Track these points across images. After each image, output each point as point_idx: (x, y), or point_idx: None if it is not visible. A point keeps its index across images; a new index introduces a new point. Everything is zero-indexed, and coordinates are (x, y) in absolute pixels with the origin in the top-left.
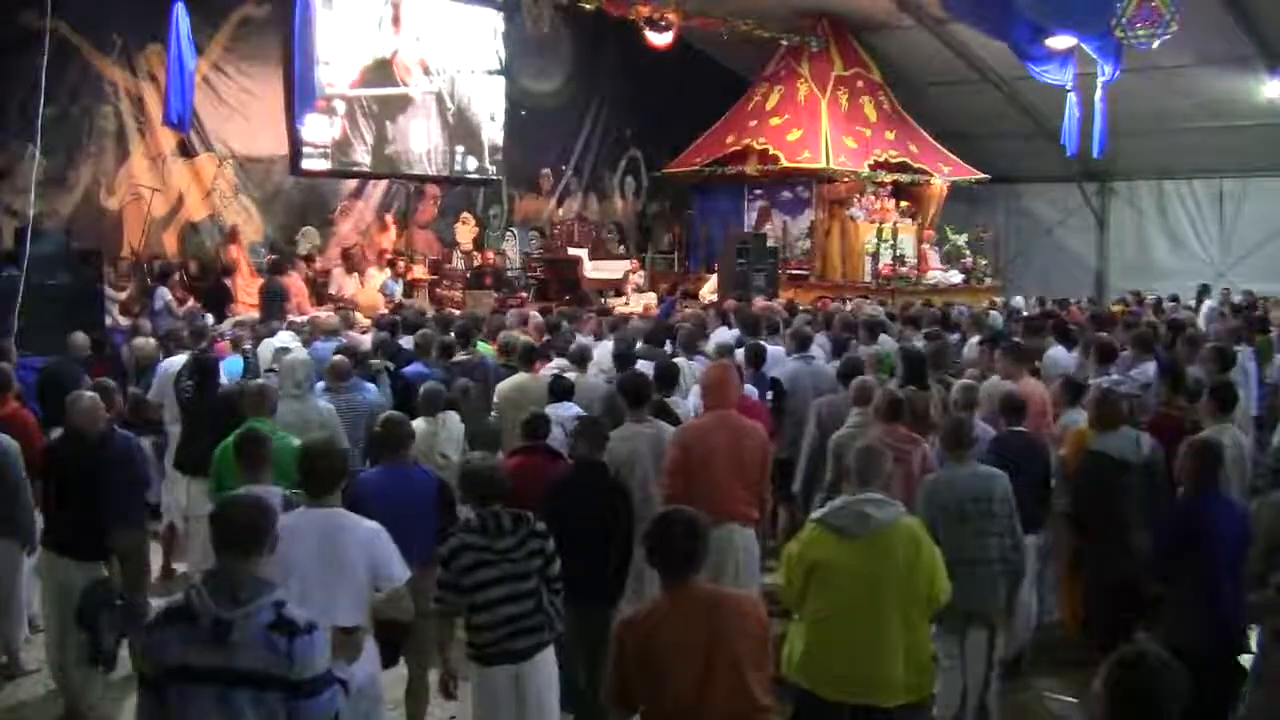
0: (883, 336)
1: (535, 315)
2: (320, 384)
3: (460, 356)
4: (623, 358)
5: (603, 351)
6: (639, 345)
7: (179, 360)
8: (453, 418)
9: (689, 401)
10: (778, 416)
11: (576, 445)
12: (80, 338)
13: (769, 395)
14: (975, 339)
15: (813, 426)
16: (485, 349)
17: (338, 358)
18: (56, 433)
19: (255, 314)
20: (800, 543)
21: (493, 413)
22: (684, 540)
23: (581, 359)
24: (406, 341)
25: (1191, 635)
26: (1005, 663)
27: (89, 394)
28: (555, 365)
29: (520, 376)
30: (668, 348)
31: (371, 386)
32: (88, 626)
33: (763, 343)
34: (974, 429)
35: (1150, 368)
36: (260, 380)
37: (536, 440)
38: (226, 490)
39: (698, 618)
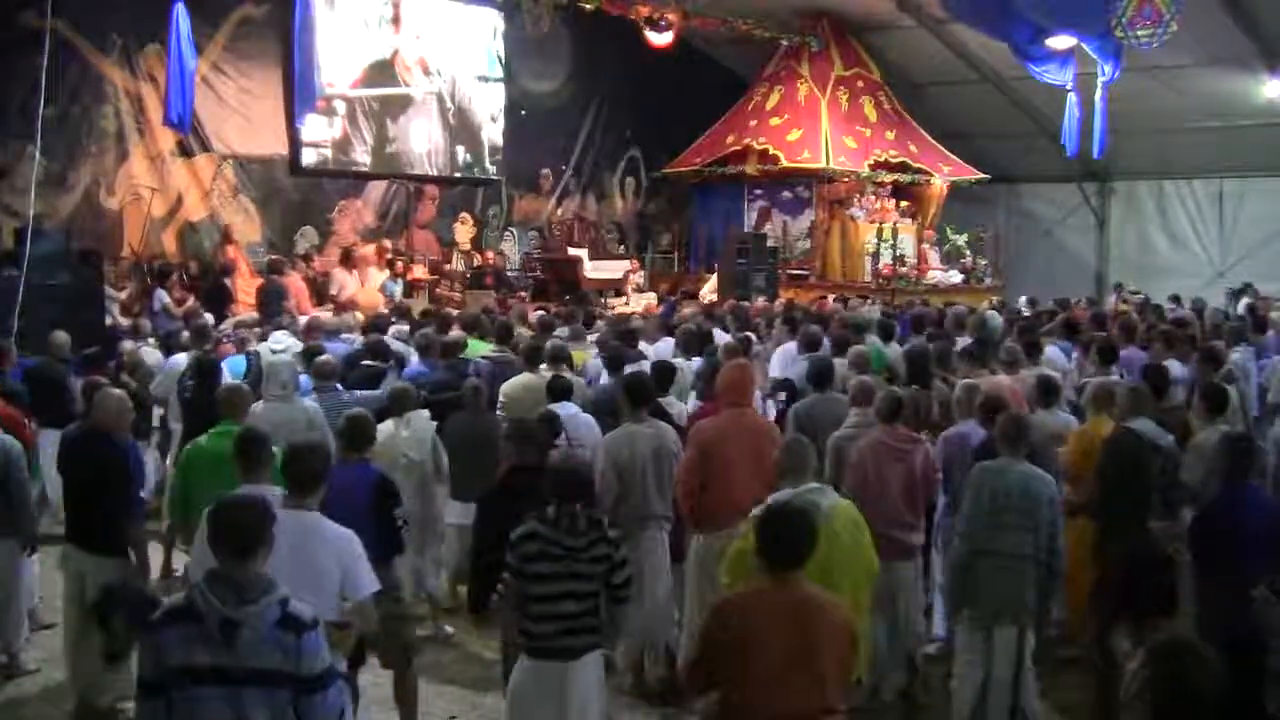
0: (869, 336)
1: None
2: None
3: (497, 354)
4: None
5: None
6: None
7: (183, 359)
8: (418, 417)
9: (686, 403)
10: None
11: (514, 449)
12: (61, 336)
13: (781, 396)
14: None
15: (791, 429)
16: (480, 348)
17: (323, 358)
18: (46, 434)
19: (254, 314)
20: (746, 540)
21: (500, 413)
22: (800, 536)
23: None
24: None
25: (1221, 628)
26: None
27: (116, 393)
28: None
29: (525, 376)
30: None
31: (339, 387)
32: (103, 623)
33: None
34: (1030, 427)
35: (1174, 367)
36: (235, 382)
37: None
38: (193, 501)
39: (792, 612)
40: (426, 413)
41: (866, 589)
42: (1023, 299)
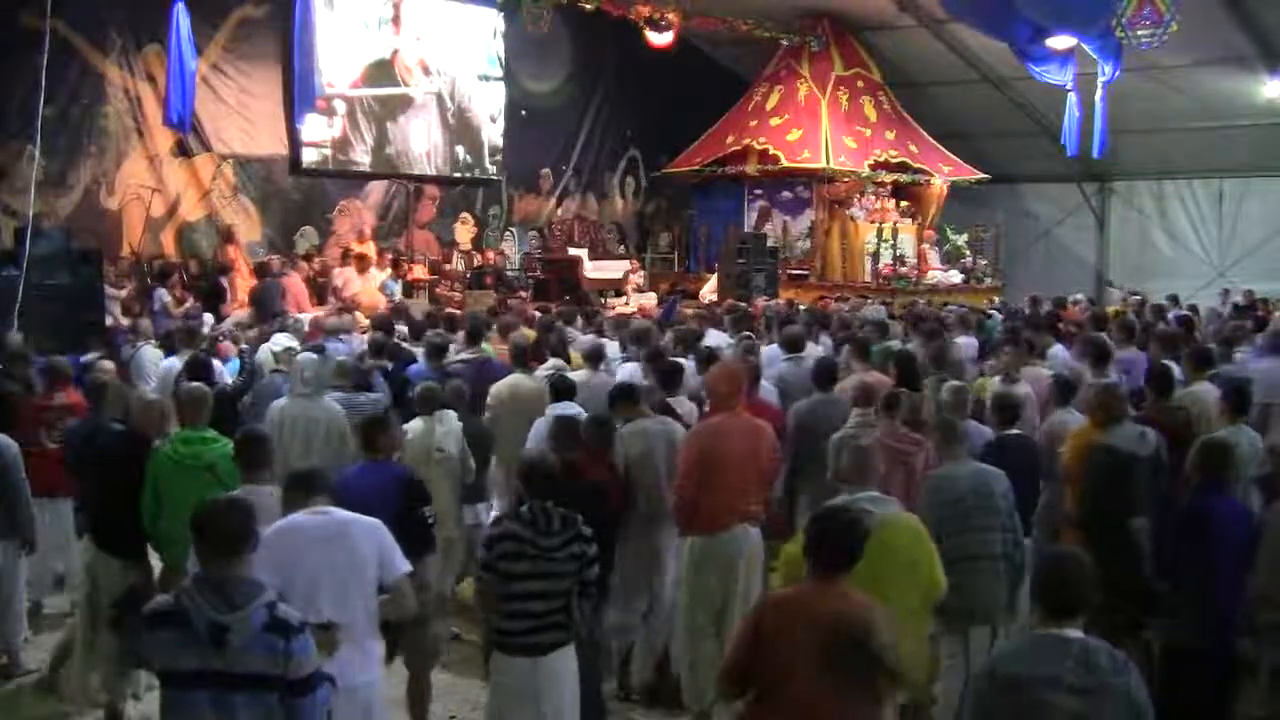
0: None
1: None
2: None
3: (471, 355)
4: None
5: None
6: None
7: (179, 362)
8: (450, 415)
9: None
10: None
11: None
12: (14, 338)
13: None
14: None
15: (792, 428)
16: (486, 348)
17: (342, 358)
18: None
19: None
20: (800, 544)
21: (487, 414)
22: (847, 542)
23: (596, 356)
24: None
25: (1191, 633)
26: None
27: (150, 396)
28: (551, 364)
29: (514, 377)
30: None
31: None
32: (117, 627)
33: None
34: (964, 428)
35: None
36: (193, 384)
37: (570, 447)
38: (163, 508)
39: (832, 615)
40: (454, 412)
41: (924, 607)
42: (1079, 297)
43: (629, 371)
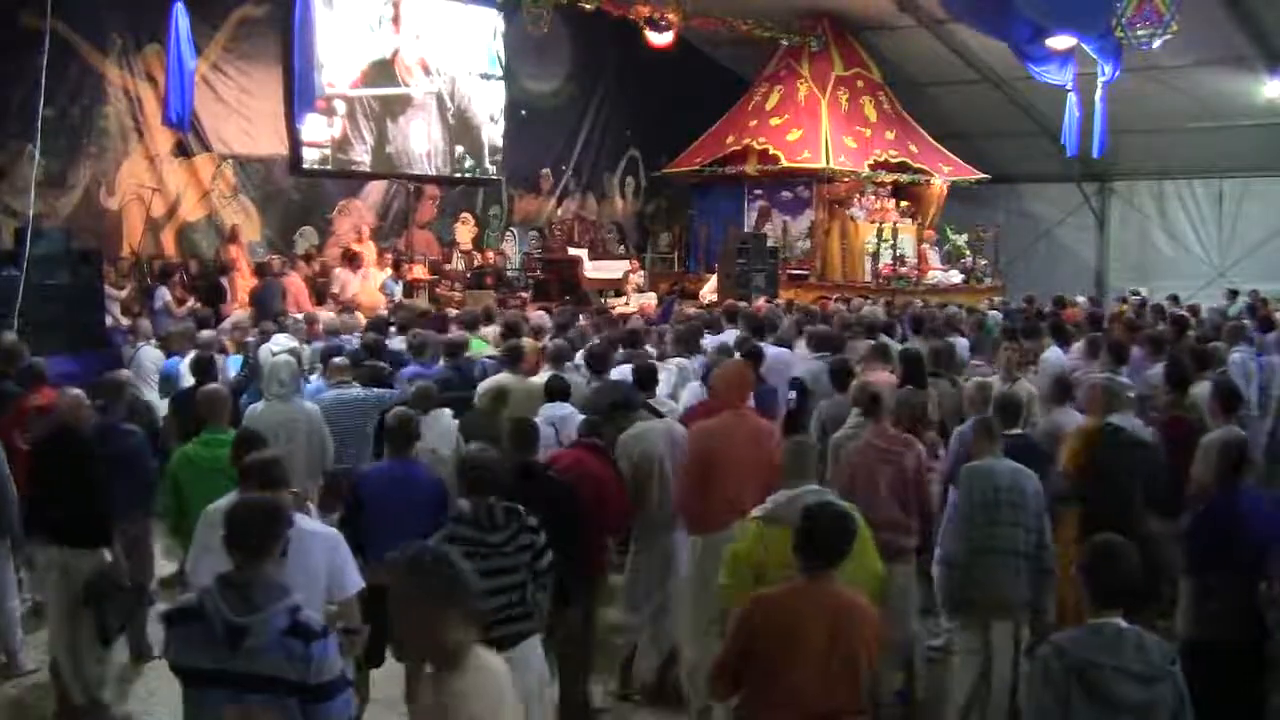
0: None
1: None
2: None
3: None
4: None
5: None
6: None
7: (180, 363)
8: (444, 415)
9: (673, 399)
10: (801, 417)
11: (508, 448)
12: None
13: (790, 396)
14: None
15: (814, 426)
16: (482, 347)
17: (338, 360)
18: None
19: (248, 314)
20: (746, 542)
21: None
22: (838, 536)
23: (559, 358)
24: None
25: (1222, 629)
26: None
27: (75, 390)
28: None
29: (501, 376)
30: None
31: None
32: (93, 609)
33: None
34: (999, 427)
35: (1160, 369)
36: (212, 386)
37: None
38: (186, 510)
39: (831, 610)
40: (449, 411)
41: (867, 591)
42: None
43: (623, 374)
